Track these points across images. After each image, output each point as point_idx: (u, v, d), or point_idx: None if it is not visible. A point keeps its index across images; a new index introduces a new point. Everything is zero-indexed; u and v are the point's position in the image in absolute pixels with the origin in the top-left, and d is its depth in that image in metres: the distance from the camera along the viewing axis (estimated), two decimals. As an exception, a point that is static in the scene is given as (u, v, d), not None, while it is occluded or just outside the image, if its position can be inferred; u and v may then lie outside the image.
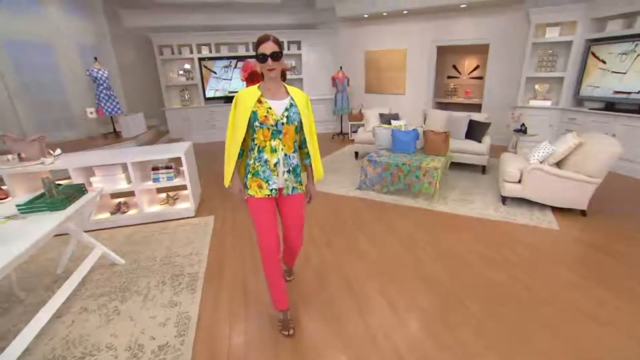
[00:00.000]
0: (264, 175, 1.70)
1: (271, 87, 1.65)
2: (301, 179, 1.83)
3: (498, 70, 5.77)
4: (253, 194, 1.73)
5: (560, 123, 5.26)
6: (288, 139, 1.69)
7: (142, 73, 7.01)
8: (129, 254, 2.84)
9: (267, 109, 1.62)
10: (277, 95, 1.65)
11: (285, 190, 1.77)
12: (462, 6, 5.37)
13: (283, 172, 1.72)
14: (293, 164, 1.75)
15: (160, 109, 7.05)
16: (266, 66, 1.55)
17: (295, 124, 1.67)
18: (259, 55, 1.54)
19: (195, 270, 2.57)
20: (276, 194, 1.73)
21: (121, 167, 3.35)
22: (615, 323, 1.95)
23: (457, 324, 1.98)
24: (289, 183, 1.76)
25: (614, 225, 3.15)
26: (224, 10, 7.12)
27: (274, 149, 1.67)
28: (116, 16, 6.55)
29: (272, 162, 1.68)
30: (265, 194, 1.72)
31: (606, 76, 4.71)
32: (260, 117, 1.60)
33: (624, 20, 4.55)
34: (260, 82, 1.68)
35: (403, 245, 2.88)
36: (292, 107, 1.66)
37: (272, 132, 1.64)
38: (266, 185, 1.71)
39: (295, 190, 1.80)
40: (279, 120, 1.63)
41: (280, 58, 1.57)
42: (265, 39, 1.54)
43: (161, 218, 3.45)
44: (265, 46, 1.53)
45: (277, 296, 1.91)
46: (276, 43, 1.55)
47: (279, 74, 1.61)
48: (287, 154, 1.71)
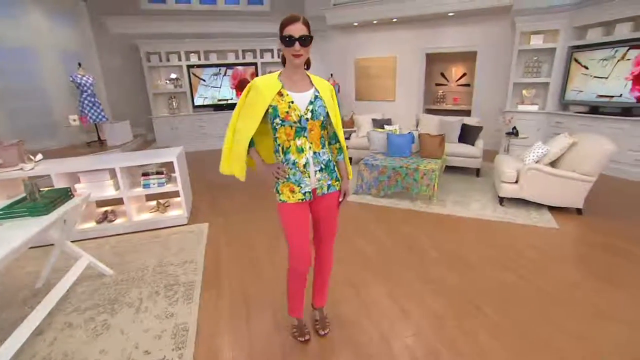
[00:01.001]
0: (294, 178, 1.50)
1: (294, 76, 1.45)
2: (337, 174, 1.61)
3: (486, 76, 5.92)
4: (285, 199, 1.52)
5: (547, 127, 5.40)
6: (314, 136, 1.49)
7: (129, 80, 6.83)
8: (118, 264, 2.66)
9: (288, 103, 1.41)
10: (300, 86, 1.46)
11: (319, 190, 1.56)
12: (449, 14, 5.51)
13: (315, 172, 1.52)
14: (324, 161, 1.54)
15: (147, 117, 6.86)
16: (292, 51, 1.35)
17: (321, 119, 1.48)
18: (284, 37, 1.34)
19: (191, 278, 2.41)
20: (310, 196, 1.54)
21: (109, 173, 3.17)
22: (627, 320, 1.93)
23: (473, 327, 1.90)
24: (322, 182, 1.55)
25: (611, 223, 3.19)
26: (213, 17, 7.08)
27: (300, 148, 1.47)
28: (102, 22, 6.40)
29: (300, 163, 1.49)
30: (298, 198, 1.52)
31: (589, 81, 4.88)
32: (281, 114, 1.41)
33: (603, 28, 4.76)
34: (281, 71, 1.49)
35: (406, 248, 2.82)
36: (317, 100, 1.46)
37: (296, 130, 1.45)
38: (298, 188, 1.51)
39: (332, 187, 1.59)
40: (302, 116, 1.43)
41: (310, 43, 1.37)
42: (294, 19, 1.34)
43: (152, 226, 3.27)
44: (293, 28, 1.33)
45: (296, 305, 1.79)
46: (306, 25, 1.36)
47: (304, 60, 1.42)
48: (315, 151, 1.51)
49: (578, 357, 1.67)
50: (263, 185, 4.58)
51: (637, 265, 2.49)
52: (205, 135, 7.16)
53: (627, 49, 4.45)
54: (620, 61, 4.52)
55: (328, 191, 1.57)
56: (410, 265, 2.56)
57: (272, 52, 7.25)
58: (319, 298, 1.90)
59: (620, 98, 4.55)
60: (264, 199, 4.08)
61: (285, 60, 1.47)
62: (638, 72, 4.37)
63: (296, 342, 1.81)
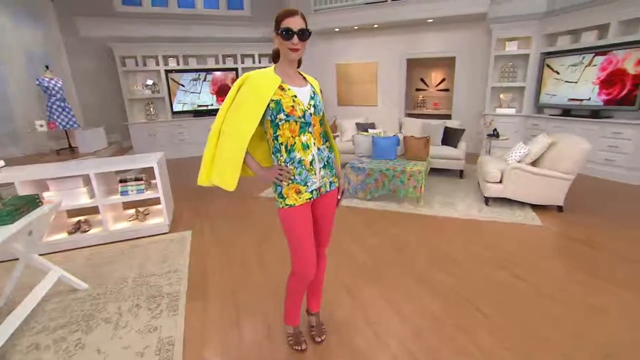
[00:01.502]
0: (300, 177, 1.41)
1: (289, 72, 1.40)
2: (336, 170, 1.57)
3: (465, 81, 6.10)
4: (293, 203, 1.41)
5: (524, 129, 5.61)
6: (316, 131, 1.44)
7: (102, 85, 6.53)
8: (93, 277, 2.46)
9: (292, 97, 1.34)
10: (297, 81, 1.41)
11: (323, 187, 1.49)
12: (429, 21, 5.66)
13: (319, 169, 1.46)
14: (326, 157, 1.50)
15: (122, 124, 6.56)
16: (289, 44, 1.29)
17: (320, 114, 1.45)
18: (282, 30, 1.28)
19: (176, 289, 2.26)
20: (317, 194, 1.47)
21: (82, 180, 2.96)
22: (618, 312, 1.97)
23: (471, 326, 1.87)
24: (326, 179, 1.50)
25: (589, 219, 3.30)
26: (192, 22, 6.93)
27: (306, 144, 1.39)
28: (72, 24, 6.10)
29: (307, 160, 1.40)
30: (306, 198, 1.43)
31: (560, 85, 5.13)
32: (286, 108, 1.32)
33: (571, 36, 5.03)
34: (274, 66, 1.41)
35: (397, 250, 2.78)
36: (315, 96, 1.43)
37: (301, 125, 1.37)
38: (304, 188, 1.42)
39: (333, 184, 1.55)
40: (306, 111, 1.37)
41: (308, 37, 1.32)
42: (292, 12, 1.29)
43: (130, 236, 3.07)
44: (291, 20, 1.27)
45: (294, 312, 1.70)
46: (304, 19, 1.31)
47: (301, 56, 1.36)
48: (319, 147, 1.45)
49: (577, 352, 1.67)
50: (246, 190, 4.46)
51: (617, 258, 2.57)
52: (185, 142, 6.93)
53: (593, 55, 4.71)
54: (588, 67, 4.78)
55: (330, 188, 1.53)
56: (403, 266, 2.52)
57: (253, 57, 7.17)
58: (315, 303, 1.81)
59: (589, 101, 4.80)
60: (248, 205, 3.96)
61: (276, 56, 1.41)
62: (604, 77, 4.63)
63: (292, 351, 1.71)
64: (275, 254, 2.73)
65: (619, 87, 4.49)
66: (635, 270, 2.39)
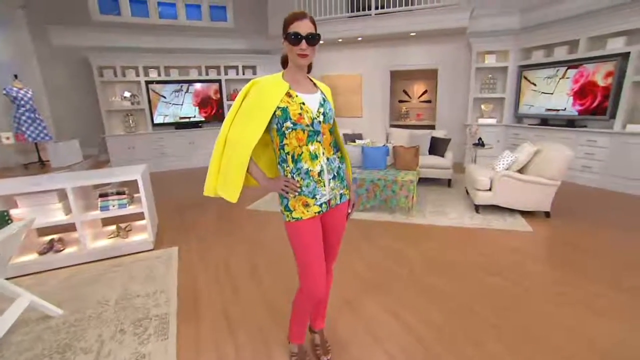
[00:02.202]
0: (308, 189, 1.32)
1: (298, 77, 1.32)
2: (346, 181, 1.48)
3: (448, 92, 6.28)
4: (300, 217, 1.32)
5: (506, 138, 5.80)
6: (325, 140, 1.36)
7: (78, 96, 6.23)
8: (69, 302, 2.23)
9: (300, 104, 1.27)
10: (306, 88, 1.33)
11: (333, 200, 1.40)
12: (411, 34, 5.83)
13: (329, 181, 1.36)
14: (336, 168, 1.41)
15: (100, 136, 6.25)
16: (297, 50, 1.23)
17: (330, 123, 1.37)
18: (290, 35, 1.21)
19: (164, 310, 2.08)
20: (327, 207, 1.38)
21: (57, 195, 2.74)
22: (616, 314, 1.99)
23: (476, 333, 1.83)
24: (336, 191, 1.40)
25: (576, 224, 3.39)
26: (174, 32, 6.80)
27: (314, 154, 1.31)
28: (44, 32, 5.82)
29: (315, 171, 1.31)
30: (314, 211, 1.34)
31: (538, 96, 5.36)
32: (293, 116, 1.25)
33: (545, 50, 5.30)
34: (282, 72, 1.34)
35: (393, 260, 2.73)
36: (325, 103, 1.35)
37: (308, 134, 1.29)
38: (313, 201, 1.33)
39: (344, 197, 1.46)
40: (315, 119, 1.29)
41: (317, 42, 1.26)
42: (300, 16, 1.22)
43: (111, 254, 2.85)
44: (300, 24, 1.21)
45: (300, 330, 1.61)
46: (313, 23, 1.25)
47: (310, 61, 1.30)
48: (328, 157, 1.37)
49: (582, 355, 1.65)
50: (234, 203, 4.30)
51: (608, 261, 2.63)
52: (166, 155, 6.68)
53: (565, 68, 4.98)
54: (562, 79, 5.03)
55: (341, 201, 1.44)
56: (402, 277, 2.46)
57: (237, 68, 7.10)
58: (320, 320, 1.71)
59: (565, 111, 5.04)
60: (236, 218, 3.81)
61: (285, 62, 1.35)
62: (577, 89, 4.89)
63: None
64: (268, 268, 2.60)
65: (591, 98, 4.74)
66: (629, 273, 2.44)
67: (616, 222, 3.41)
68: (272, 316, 2.01)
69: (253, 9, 7.41)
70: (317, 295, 1.41)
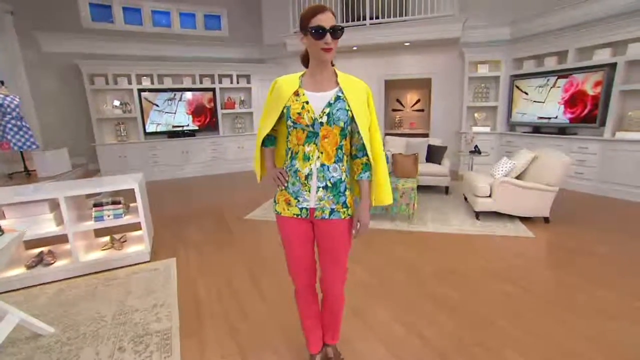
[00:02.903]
0: (292, 188, 1.32)
1: (318, 75, 1.26)
2: (347, 199, 1.33)
3: (441, 101, 6.37)
4: (280, 211, 1.37)
5: (499, 145, 5.89)
6: (327, 144, 1.26)
7: (67, 104, 6.07)
8: (62, 318, 2.10)
9: (302, 103, 1.24)
10: (322, 85, 1.26)
11: (318, 212, 1.31)
12: (406, 44, 5.92)
13: (317, 189, 1.29)
14: (333, 178, 1.29)
15: (90, 145, 6.08)
16: (321, 44, 1.16)
17: (339, 125, 1.24)
18: (312, 29, 1.14)
19: (166, 325, 1.97)
20: (307, 214, 1.33)
21: (48, 205, 2.61)
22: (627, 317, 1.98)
23: (493, 343, 1.79)
24: (324, 203, 1.30)
25: (575, 228, 3.42)
26: (168, 41, 6.75)
27: (307, 156, 1.27)
28: (33, 39, 5.69)
29: (303, 173, 1.29)
30: (293, 212, 1.34)
31: (530, 105, 5.49)
32: (292, 115, 1.24)
33: (535, 60, 5.45)
34: (305, 70, 1.31)
35: (401, 269, 2.68)
36: (337, 102, 1.24)
37: (307, 135, 1.26)
38: (295, 202, 1.32)
39: (335, 214, 1.32)
40: (316, 119, 1.23)
41: (341, 35, 1.19)
42: (321, 9, 1.16)
43: (105, 267, 2.71)
44: (322, 17, 1.14)
45: (307, 335, 1.58)
46: (334, 15, 1.19)
47: (333, 56, 1.22)
48: (324, 163, 1.28)
49: None
50: (231, 212, 4.21)
51: (611, 264, 2.65)
52: (158, 164, 6.53)
53: (556, 78, 5.12)
54: (553, 88, 5.17)
55: (330, 217, 1.31)
56: (411, 286, 2.41)
57: (231, 77, 7.05)
58: (329, 334, 1.62)
59: (557, 119, 5.16)
60: (234, 228, 3.71)
61: (305, 60, 1.30)
62: (567, 98, 5.02)
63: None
64: (273, 280, 2.52)
65: (581, 106, 4.87)
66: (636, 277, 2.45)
67: (614, 227, 3.46)
68: (284, 331, 1.93)
69: (247, 19, 7.44)
70: (297, 286, 1.48)
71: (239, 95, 7.34)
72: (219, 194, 5.44)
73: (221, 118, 7.05)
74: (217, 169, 7.05)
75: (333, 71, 1.29)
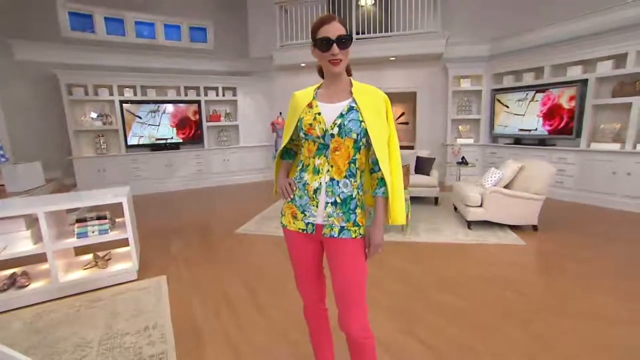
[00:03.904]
0: (300, 202, 1.26)
1: (331, 86, 1.23)
2: (357, 217, 1.22)
3: (426, 114, 6.54)
4: (286, 224, 1.31)
5: (483, 157, 6.08)
6: (338, 157, 1.20)
7: (41, 115, 5.75)
8: (39, 347, 1.90)
9: (315, 115, 1.20)
10: (335, 97, 1.22)
11: (327, 229, 1.22)
12: (391, 59, 6.09)
13: (325, 204, 1.21)
14: (342, 194, 1.20)
15: (66, 158, 5.76)
16: (328, 56, 1.13)
17: (352, 137, 1.18)
18: (319, 40, 1.13)
19: (161, 348, 1.82)
20: (313, 230, 1.24)
21: (24, 222, 2.41)
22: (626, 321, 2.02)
23: (505, 352, 1.77)
24: (333, 220, 1.20)
25: (563, 235, 3.53)
26: (151, 52, 6.61)
27: (317, 169, 1.22)
28: (6, 46, 5.41)
29: (311, 186, 1.22)
30: (299, 227, 1.26)
31: (511, 118, 5.73)
32: (304, 126, 1.21)
33: (514, 75, 5.73)
34: (322, 82, 1.30)
35: (403, 280, 2.64)
36: (350, 113, 1.18)
37: (318, 147, 1.22)
38: (301, 216, 1.25)
39: (346, 232, 1.20)
40: (327, 131, 1.18)
41: (349, 45, 1.15)
42: (328, 19, 1.13)
43: (88, 287, 2.51)
44: (329, 28, 1.12)
45: (317, 355, 1.50)
46: (343, 25, 1.15)
47: (344, 67, 1.19)
48: (334, 178, 1.20)
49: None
50: (222, 227, 4.06)
51: (599, 268, 2.74)
52: (141, 178, 6.28)
53: (534, 92, 5.39)
54: (532, 102, 5.43)
55: (339, 235, 1.20)
56: (416, 297, 2.38)
57: (217, 90, 6.97)
58: None
59: (536, 131, 5.40)
60: (226, 243, 3.57)
61: (322, 70, 1.27)
62: (545, 111, 5.28)
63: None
64: (272, 295, 2.41)
65: (559, 119, 5.13)
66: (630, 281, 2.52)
67: (595, 232, 3.59)
68: (288, 345, 1.83)
69: (233, 32, 7.44)
70: (304, 302, 1.43)
71: (225, 108, 7.25)
72: (206, 208, 5.26)
73: (206, 131, 6.91)
74: (202, 183, 6.85)
75: (349, 81, 1.25)
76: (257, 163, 7.41)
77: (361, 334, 1.24)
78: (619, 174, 4.41)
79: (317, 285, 1.38)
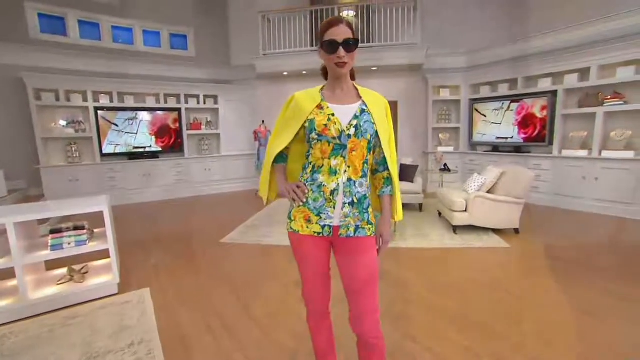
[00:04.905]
0: (314, 204, 1.22)
1: (337, 89, 1.23)
2: (370, 216, 1.25)
3: (407, 122, 6.68)
4: (297, 229, 1.24)
5: (463, 164, 6.28)
6: (355, 158, 1.20)
7: (4, 121, 5.37)
8: (9, 371, 1.71)
9: (328, 115, 1.19)
10: (344, 99, 1.23)
11: (343, 229, 1.22)
12: (373, 69, 6.21)
13: (343, 205, 1.21)
14: (358, 194, 1.22)
15: (33, 168, 5.39)
16: (334, 58, 1.14)
17: (367, 138, 1.20)
18: (325, 42, 1.14)
19: (149, 367, 1.69)
20: (329, 232, 1.22)
21: (-9, 234, 2.20)
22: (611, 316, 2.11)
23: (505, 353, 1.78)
24: (350, 220, 1.21)
25: (543, 238, 3.67)
26: (129, 58, 6.39)
27: (334, 170, 1.20)
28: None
29: (329, 188, 1.20)
30: (313, 230, 1.23)
31: (488, 126, 5.97)
32: (318, 127, 1.18)
33: (490, 86, 6.01)
34: (323, 85, 1.29)
35: (397, 285, 2.63)
36: (363, 114, 1.21)
37: (334, 147, 1.19)
38: (316, 219, 1.22)
39: (361, 231, 1.23)
40: (343, 132, 1.18)
41: (356, 48, 1.16)
42: (335, 22, 1.14)
43: (63, 303, 2.31)
44: (335, 31, 1.13)
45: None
46: (350, 28, 1.15)
47: (349, 70, 1.21)
48: (351, 178, 1.21)
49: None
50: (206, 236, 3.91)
51: (581, 267, 2.86)
52: (116, 188, 5.97)
53: (509, 102, 5.66)
54: (507, 111, 5.70)
55: (355, 234, 1.22)
56: (408, 300, 2.37)
57: (198, 97, 6.83)
58: None
59: (513, 139, 5.65)
60: (211, 253, 3.44)
61: (326, 73, 1.27)
62: (520, 120, 5.55)
63: None
64: (264, 303, 2.33)
65: (532, 127, 5.40)
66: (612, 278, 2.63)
67: (571, 233, 3.79)
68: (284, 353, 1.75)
69: (215, 39, 7.36)
70: (312, 308, 1.38)
71: (206, 116, 7.10)
72: (188, 218, 5.06)
73: (187, 139, 6.72)
74: (181, 193, 6.62)
75: (353, 85, 1.28)
76: (239, 172, 7.27)
77: (374, 333, 1.26)
78: (588, 178, 4.68)
79: (326, 289, 1.35)
